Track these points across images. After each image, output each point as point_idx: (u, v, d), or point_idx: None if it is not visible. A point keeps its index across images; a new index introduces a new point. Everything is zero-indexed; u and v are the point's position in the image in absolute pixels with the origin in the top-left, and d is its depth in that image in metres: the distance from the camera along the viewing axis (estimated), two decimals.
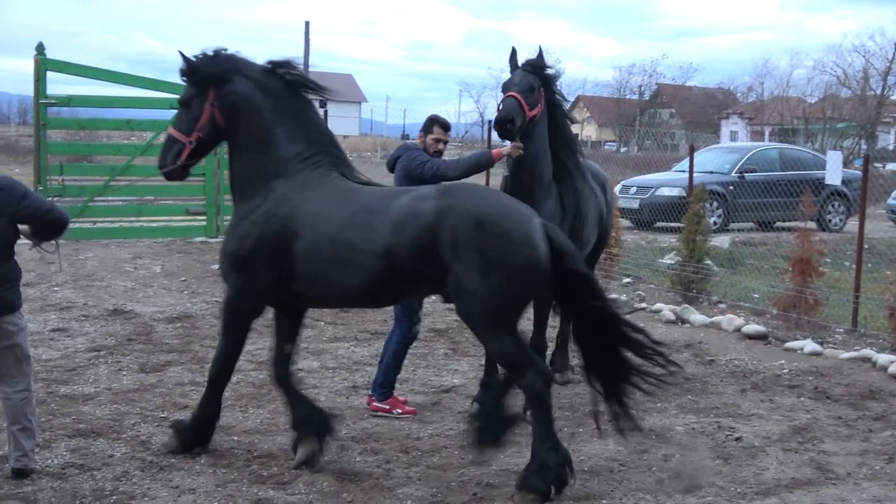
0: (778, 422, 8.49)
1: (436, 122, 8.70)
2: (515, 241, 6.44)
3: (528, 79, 8.32)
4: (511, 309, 6.63)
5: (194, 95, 7.30)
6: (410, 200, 6.70)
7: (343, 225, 6.78)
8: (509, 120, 8.02)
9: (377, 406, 8.45)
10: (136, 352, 10.38)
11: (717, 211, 21.80)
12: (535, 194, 8.28)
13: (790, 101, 65.95)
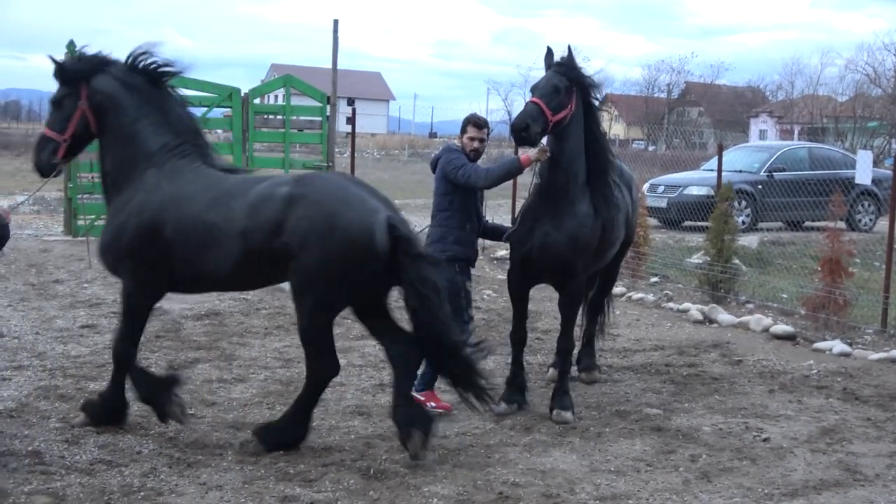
0: (806, 423, 8.45)
1: (469, 122, 8.71)
2: (356, 234, 6.96)
3: (553, 81, 8.19)
4: (339, 295, 7.25)
5: (66, 95, 7.65)
6: (268, 186, 7.16)
7: (207, 208, 7.15)
8: (523, 128, 7.93)
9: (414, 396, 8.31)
10: (165, 349, 10.43)
11: (745, 210, 21.71)
12: (570, 195, 8.26)
13: (820, 99, 65.54)
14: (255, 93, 19.48)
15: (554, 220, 8.26)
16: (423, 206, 27.64)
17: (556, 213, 8.27)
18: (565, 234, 8.22)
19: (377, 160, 59.81)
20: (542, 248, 8.30)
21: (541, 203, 8.40)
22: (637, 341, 11.56)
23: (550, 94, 8.11)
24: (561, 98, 8.15)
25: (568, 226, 8.23)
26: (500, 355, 10.31)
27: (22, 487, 6.44)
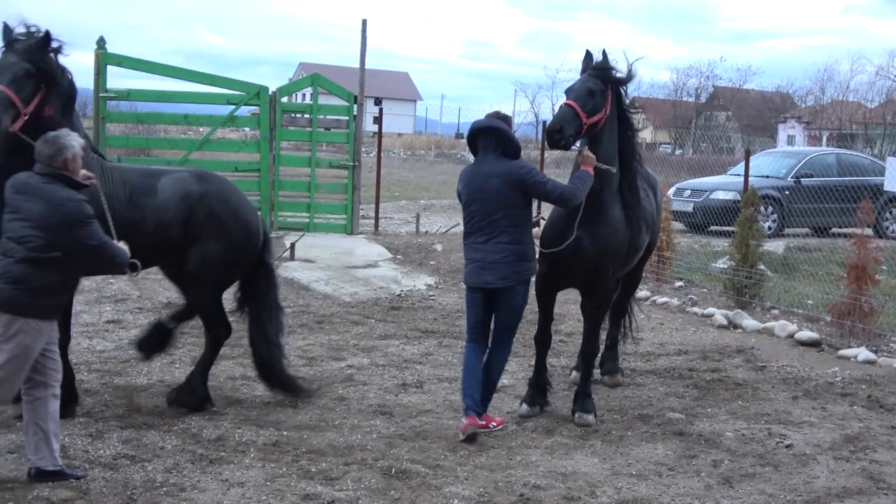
0: (830, 430, 8.41)
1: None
2: (250, 228, 8.33)
3: (588, 84, 8.16)
4: (230, 277, 8.42)
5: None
6: (175, 182, 8.02)
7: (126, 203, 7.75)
8: (557, 130, 7.90)
9: (481, 424, 8.01)
10: (189, 345, 10.47)
11: (772, 216, 21.60)
12: (603, 200, 8.21)
13: (849, 105, 65.15)
14: (283, 91, 19.54)
15: (586, 225, 8.22)
16: (447, 206, 27.70)
17: (588, 218, 8.21)
18: (597, 240, 8.18)
19: (403, 160, 59.95)
20: (575, 253, 8.26)
21: (572, 207, 8.36)
22: (661, 345, 11.53)
23: (585, 96, 8.09)
24: (596, 101, 8.12)
25: (601, 232, 8.19)
26: (522, 357, 10.32)
27: (45, 481, 6.48)
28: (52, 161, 6.47)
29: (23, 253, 6.32)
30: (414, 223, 21.46)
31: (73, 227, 6.38)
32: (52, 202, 6.37)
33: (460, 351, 10.73)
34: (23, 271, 6.32)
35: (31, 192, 6.43)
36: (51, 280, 6.42)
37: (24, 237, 6.34)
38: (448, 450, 7.52)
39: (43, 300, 6.41)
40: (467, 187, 8.01)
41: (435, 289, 14.73)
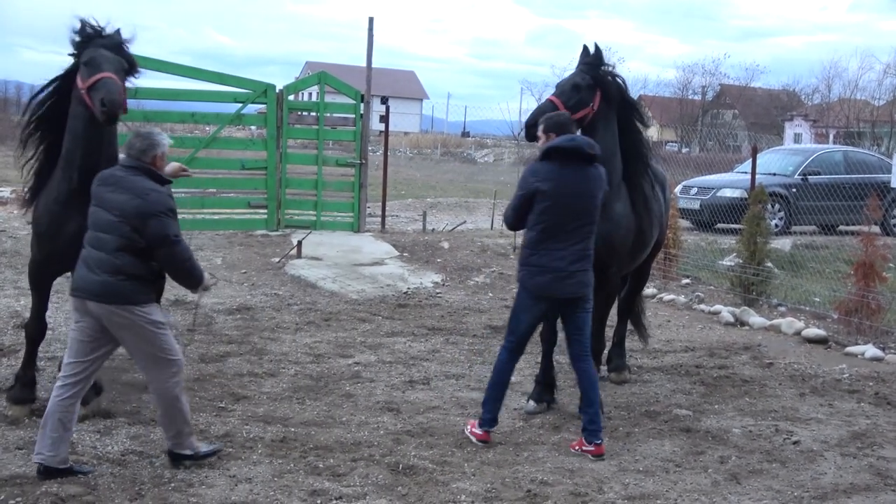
0: (837, 426, 8.40)
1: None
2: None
3: (575, 79, 8.16)
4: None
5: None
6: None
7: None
8: (532, 124, 7.88)
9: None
10: (196, 342, 10.50)
11: (779, 213, 21.58)
12: (606, 195, 8.20)
13: (857, 103, 65.07)
14: (290, 89, 19.55)
15: None
16: (454, 204, 27.72)
17: None
18: (599, 235, 8.00)
19: (410, 159, 59.99)
20: None
21: None
22: (668, 342, 11.53)
23: (569, 91, 8.08)
24: (581, 96, 8.10)
25: (603, 228, 8.07)
26: (529, 354, 10.30)
27: (54, 477, 6.50)
28: (143, 155, 6.69)
29: (115, 243, 6.51)
30: (420, 221, 21.46)
31: (156, 217, 6.50)
32: (138, 192, 6.53)
33: (467, 348, 10.79)
34: (119, 262, 6.50)
35: (116, 183, 6.61)
36: (148, 268, 6.62)
37: (113, 228, 6.52)
38: (455, 446, 7.53)
39: (145, 287, 6.64)
40: (557, 188, 7.39)
41: (442, 286, 14.73)
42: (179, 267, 6.70)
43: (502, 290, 14.66)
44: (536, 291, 7.53)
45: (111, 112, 7.05)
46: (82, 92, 7.22)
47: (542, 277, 7.45)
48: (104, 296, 6.50)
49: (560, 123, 7.61)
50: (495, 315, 12.81)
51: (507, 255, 17.43)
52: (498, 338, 11.42)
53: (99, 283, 6.50)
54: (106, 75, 7.19)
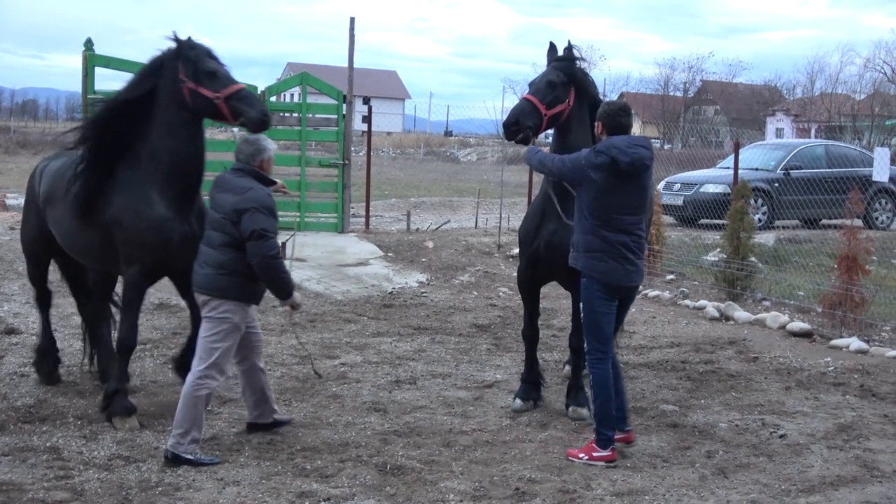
0: (823, 419, 8.43)
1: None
2: None
3: (549, 76, 8.16)
4: None
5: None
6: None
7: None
8: (513, 123, 7.88)
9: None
10: (182, 345, 10.47)
11: (762, 208, 21.63)
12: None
13: (838, 98, 65.35)
14: (272, 91, 19.50)
15: (561, 218, 8.21)
16: (438, 203, 27.70)
17: (564, 210, 8.18)
18: (572, 231, 7.98)
19: (393, 159, 59.94)
20: (549, 246, 8.27)
21: (548, 201, 8.38)
22: (653, 338, 11.55)
23: (545, 89, 8.09)
24: (557, 93, 8.11)
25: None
26: (515, 352, 10.34)
27: (41, 483, 6.48)
28: (252, 159, 7.22)
29: (220, 240, 7.04)
30: (405, 221, 21.44)
31: (248, 211, 6.94)
32: (239, 190, 7.05)
33: (453, 347, 10.78)
34: (223, 257, 7.03)
35: (224, 185, 7.18)
36: (249, 266, 7.02)
37: (219, 225, 7.06)
38: (443, 445, 7.53)
39: (244, 284, 7.08)
40: (633, 165, 7.18)
41: (427, 285, 14.72)
42: (266, 262, 6.98)
43: (487, 288, 14.67)
44: (621, 283, 7.38)
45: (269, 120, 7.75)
46: (218, 101, 7.68)
47: (622, 268, 7.32)
48: (205, 287, 7.07)
49: (609, 113, 7.40)
50: (481, 314, 12.81)
51: (491, 253, 17.44)
52: (484, 336, 11.44)
53: (203, 275, 7.09)
54: (242, 85, 7.86)
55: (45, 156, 9.38)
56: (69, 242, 8.38)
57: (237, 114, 7.64)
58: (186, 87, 7.72)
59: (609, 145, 7.18)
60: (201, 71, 7.72)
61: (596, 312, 7.35)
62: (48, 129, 72.01)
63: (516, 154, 39.74)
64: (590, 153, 7.24)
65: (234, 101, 7.67)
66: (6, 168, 39.85)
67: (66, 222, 8.20)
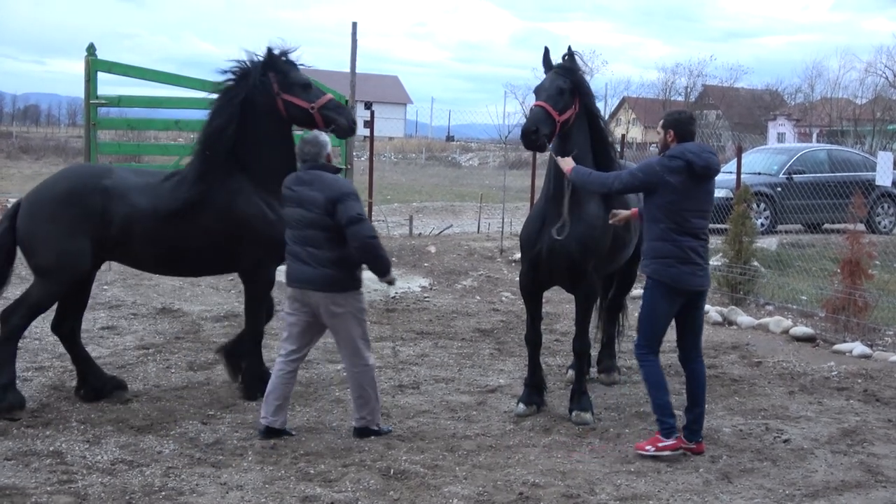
0: (827, 424, 8.42)
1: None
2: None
3: (557, 83, 8.18)
4: None
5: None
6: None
7: None
8: (533, 131, 7.91)
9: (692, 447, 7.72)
10: (184, 350, 10.48)
11: (764, 212, 21.61)
12: (578, 197, 8.23)
13: (839, 102, 65.32)
14: None
15: (563, 221, 8.23)
16: (440, 208, 27.71)
17: (563, 215, 8.24)
18: (573, 236, 8.17)
19: (395, 163, 59.94)
20: (551, 251, 8.29)
21: (549, 205, 8.40)
22: None
23: (556, 96, 8.12)
24: (566, 99, 8.15)
25: (576, 228, 8.20)
26: (518, 357, 10.33)
27: (44, 487, 6.48)
28: (318, 157, 7.64)
29: (324, 237, 7.43)
30: (407, 225, 21.46)
31: (341, 201, 7.37)
32: (328, 183, 7.47)
33: (456, 351, 10.78)
34: (332, 254, 7.45)
35: (309, 181, 7.53)
36: (352, 256, 7.51)
37: (318, 224, 7.43)
38: (446, 450, 7.52)
39: (355, 272, 7.60)
40: (706, 169, 7.50)
41: (429, 290, 14.72)
42: (367, 244, 7.42)
43: (490, 293, 14.67)
44: (687, 286, 7.55)
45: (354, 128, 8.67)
46: (313, 110, 8.43)
47: (689, 269, 7.51)
48: (327, 286, 7.44)
49: (680, 121, 7.70)
50: (483, 319, 12.81)
51: (493, 258, 17.44)
52: (487, 341, 11.44)
53: (320, 274, 7.45)
54: (331, 96, 8.63)
55: (74, 173, 8.75)
56: (164, 253, 8.51)
57: (329, 122, 8.42)
58: (281, 99, 8.45)
59: (683, 150, 7.47)
60: (295, 83, 8.50)
61: (656, 314, 7.66)
62: (50, 134, 72.16)
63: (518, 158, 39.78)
64: (663, 159, 7.53)
65: (326, 110, 8.46)
66: (8, 173, 39.91)
67: (166, 235, 8.34)
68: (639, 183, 7.64)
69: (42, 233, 8.14)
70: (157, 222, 8.27)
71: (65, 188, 8.26)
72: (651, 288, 7.64)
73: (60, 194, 8.22)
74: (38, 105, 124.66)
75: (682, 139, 7.60)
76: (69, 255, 8.12)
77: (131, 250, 8.44)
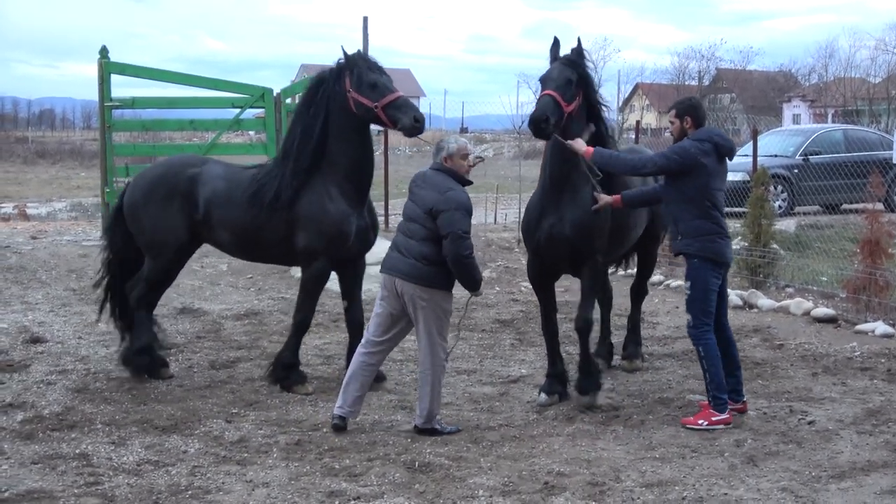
0: (851, 405, 8.39)
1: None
2: None
3: (565, 73, 8.22)
4: None
5: None
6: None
7: None
8: (544, 119, 7.96)
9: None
10: (206, 349, 10.50)
11: (782, 194, 21.50)
12: (573, 183, 8.29)
13: (853, 82, 64.93)
14: (287, 92, 19.48)
15: (559, 209, 8.32)
16: None
17: (560, 202, 8.32)
18: (570, 222, 8.26)
19: (409, 157, 59.86)
20: (550, 238, 8.34)
21: (546, 193, 8.44)
22: (677, 328, 11.50)
23: (564, 86, 8.17)
24: (573, 90, 8.23)
25: (573, 214, 8.26)
26: (540, 346, 10.29)
27: (71, 490, 6.50)
28: (436, 158, 7.89)
29: (422, 233, 7.63)
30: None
31: (447, 212, 7.52)
32: (439, 189, 7.64)
33: (477, 343, 10.78)
34: (425, 249, 7.60)
35: (424, 181, 7.82)
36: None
37: (421, 220, 7.65)
38: (470, 441, 7.52)
39: (446, 273, 7.64)
40: (731, 151, 8.12)
41: None
42: (460, 261, 7.56)
43: (509, 283, 14.65)
44: (728, 258, 8.18)
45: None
46: (377, 108, 8.59)
47: (726, 242, 8.11)
48: (413, 276, 7.59)
49: (695, 107, 8.22)
50: (503, 309, 12.80)
51: (511, 248, 17.41)
52: (507, 331, 11.44)
53: (409, 265, 7.62)
54: (399, 95, 8.76)
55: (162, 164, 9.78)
56: (242, 239, 9.13)
57: (394, 120, 8.61)
58: (351, 97, 8.67)
59: (709, 133, 8.01)
60: (364, 82, 8.65)
61: (709, 290, 8.04)
62: (65, 138, 72.28)
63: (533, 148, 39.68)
64: (694, 143, 7.92)
65: (391, 109, 8.61)
66: (25, 178, 40.10)
67: (243, 221, 8.94)
68: (675, 166, 7.93)
69: (140, 213, 9.21)
70: (231, 209, 9.00)
71: (158, 174, 9.36)
72: (698, 267, 8.04)
73: (154, 179, 9.28)
74: (53, 109, 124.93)
75: (699, 124, 8.08)
76: (164, 232, 9.14)
77: (214, 233, 9.20)
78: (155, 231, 9.18)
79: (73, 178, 42.02)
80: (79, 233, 19.84)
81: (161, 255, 9.25)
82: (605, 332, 10.03)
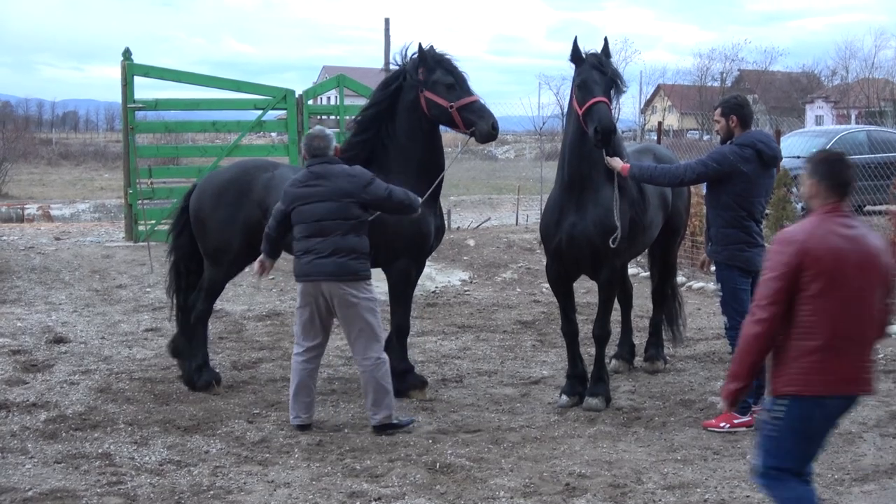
0: (874, 407, 8.34)
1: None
2: None
3: (606, 79, 8.20)
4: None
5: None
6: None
7: None
8: (613, 130, 8.01)
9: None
10: (228, 349, 10.54)
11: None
12: (593, 182, 8.27)
13: (876, 83, 64.63)
14: (309, 94, 19.56)
15: (579, 209, 8.29)
16: (478, 202, 27.71)
17: (580, 202, 8.29)
18: (591, 222, 8.21)
19: None
20: (571, 239, 8.31)
21: (565, 194, 8.42)
22: (699, 330, 11.47)
23: (609, 91, 8.18)
24: (611, 95, 8.24)
25: (593, 213, 8.22)
26: (561, 348, 10.27)
27: (94, 489, 6.54)
28: (328, 150, 7.73)
29: (345, 227, 7.55)
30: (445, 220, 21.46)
31: (368, 184, 7.61)
32: (346, 175, 7.63)
33: (498, 344, 10.78)
34: (353, 241, 7.57)
35: (323, 176, 7.64)
36: (367, 245, 7.70)
37: (338, 213, 7.54)
38: (491, 442, 7.52)
39: (367, 263, 7.70)
40: (774, 158, 8.02)
41: (469, 284, 14.73)
42: (402, 208, 7.84)
43: (530, 285, 14.65)
44: (748, 267, 7.93)
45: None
46: (451, 110, 8.46)
47: (758, 251, 7.90)
48: (341, 275, 7.50)
49: (741, 105, 8.14)
50: (524, 311, 12.79)
51: (532, 250, 17.39)
52: (529, 332, 11.44)
53: (336, 264, 7.50)
54: (476, 98, 8.60)
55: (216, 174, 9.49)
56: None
57: (469, 124, 8.47)
58: (424, 96, 8.53)
59: (752, 139, 7.85)
60: (440, 82, 8.51)
61: (738, 290, 7.94)
62: (89, 139, 72.68)
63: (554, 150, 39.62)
64: (734, 147, 7.84)
65: (467, 112, 8.47)
66: (49, 179, 40.34)
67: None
68: (713, 172, 7.90)
69: (207, 217, 8.92)
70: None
71: (229, 178, 9.05)
72: (725, 272, 8.01)
73: (225, 183, 9.00)
74: (77, 111, 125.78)
75: (745, 124, 7.98)
76: (230, 239, 8.88)
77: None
78: (221, 237, 8.87)
79: (96, 180, 42.31)
80: (102, 234, 19.95)
81: (223, 262, 8.97)
82: (626, 331, 10.01)
